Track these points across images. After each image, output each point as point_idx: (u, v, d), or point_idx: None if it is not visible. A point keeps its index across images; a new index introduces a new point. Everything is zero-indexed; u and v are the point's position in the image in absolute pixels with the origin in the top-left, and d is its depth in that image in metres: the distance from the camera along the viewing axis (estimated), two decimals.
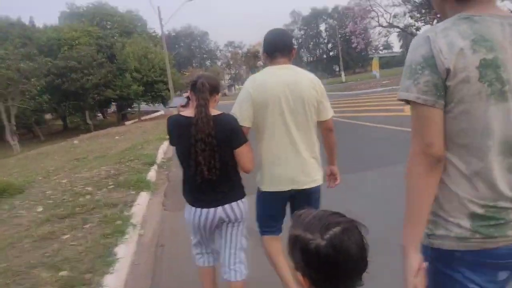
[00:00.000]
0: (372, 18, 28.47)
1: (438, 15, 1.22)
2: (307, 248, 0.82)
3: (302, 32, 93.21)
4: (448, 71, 1.00)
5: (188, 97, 2.16)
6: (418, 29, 27.30)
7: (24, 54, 22.02)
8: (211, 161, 1.90)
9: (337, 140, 2.32)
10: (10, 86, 19.71)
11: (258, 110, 2.11)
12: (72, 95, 26.61)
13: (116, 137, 16.72)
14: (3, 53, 20.17)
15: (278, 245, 2.29)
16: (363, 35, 29.72)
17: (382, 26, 28.64)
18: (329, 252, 0.80)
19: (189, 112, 1.99)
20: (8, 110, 20.33)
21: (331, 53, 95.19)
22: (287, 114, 2.09)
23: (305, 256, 0.83)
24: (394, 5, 27.58)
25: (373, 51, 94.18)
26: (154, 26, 50.52)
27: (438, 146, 1.03)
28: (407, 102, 1.07)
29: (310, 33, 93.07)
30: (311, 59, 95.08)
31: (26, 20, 33.61)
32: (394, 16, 29.22)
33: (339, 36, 77.41)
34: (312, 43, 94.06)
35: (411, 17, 27.08)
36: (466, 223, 1.04)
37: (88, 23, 31.07)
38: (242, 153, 1.99)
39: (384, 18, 28.39)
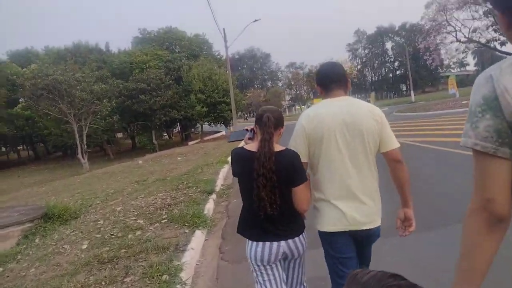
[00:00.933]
0: (449, 33, 26.17)
1: None
2: None
3: (367, 51, 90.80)
4: None
5: (251, 130, 2.13)
6: (503, 43, 24.46)
7: (98, 77, 23.36)
8: (272, 196, 1.87)
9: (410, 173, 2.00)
10: (83, 107, 20.82)
11: (312, 145, 2.00)
12: (140, 115, 27.71)
13: (178, 158, 16.67)
14: (79, 76, 21.48)
15: None
16: (438, 50, 27.41)
17: (460, 42, 26.19)
18: None
19: (252, 146, 1.97)
20: (81, 129, 21.45)
21: (397, 72, 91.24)
22: (344, 149, 1.96)
23: None
24: (474, 18, 25.16)
25: (445, 69, 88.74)
26: (219, 48, 52.27)
27: (500, 203, 0.92)
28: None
29: (375, 51, 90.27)
30: (376, 79, 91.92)
31: (102, 46, 36.31)
32: (474, 31, 26.65)
33: (408, 54, 73.93)
34: (377, 62, 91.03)
35: (495, 30, 24.34)
36: None
37: (158, 47, 32.66)
38: (301, 192, 1.94)
39: (462, 33, 26.04)
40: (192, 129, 35.55)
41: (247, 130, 2.17)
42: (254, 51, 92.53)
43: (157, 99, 26.36)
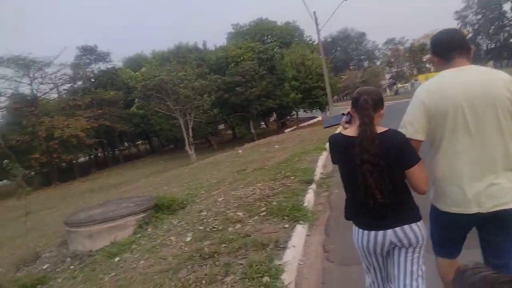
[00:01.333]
0: None
1: None
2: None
3: (479, 16, 79.35)
4: None
5: (348, 113, 1.97)
6: None
7: (198, 74, 24.73)
8: (382, 183, 1.70)
9: None
10: (187, 103, 22.27)
11: (434, 121, 1.79)
12: (238, 107, 28.65)
13: (276, 146, 16.71)
14: (182, 75, 23.02)
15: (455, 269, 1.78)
16: None
17: None
18: None
19: (351, 131, 1.84)
20: (187, 124, 23.01)
21: None
22: (473, 125, 1.72)
23: None
24: None
25: None
26: (310, 33, 51.18)
27: None
28: None
29: (490, 16, 78.39)
30: (493, 46, 79.93)
31: (200, 45, 38.39)
32: None
33: None
34: (493, 27, 78.98)
35: None
36: None
37: (250, 40, 33.26)
38: (414, 174, 1.75)
39: None
40: (288, 117, 35.53)
41: (343, 114, 2.02)
42: (348, 32, 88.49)
43: (252, 90, 26.87)
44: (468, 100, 1.72)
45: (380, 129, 1.76)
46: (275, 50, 31.36)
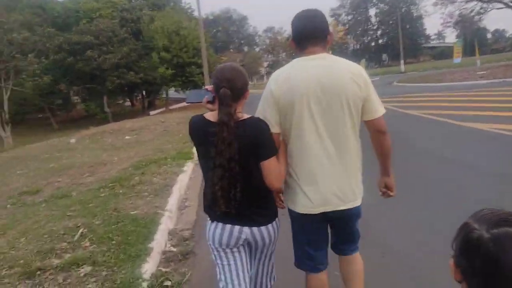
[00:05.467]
0: None
1: None
2: (468, 237, 0.76)
3: (350, 17, 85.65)
4: None
5: (211, 90, 1.68)
6: None
7: (24, 23, 17.43)
8: (231, 190, 1.55)
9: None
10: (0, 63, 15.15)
11: (282, 113, 1.68)
12: (88, 76, 22.06)
13: (126, 137, 11.75)
14: None
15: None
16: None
17: (482, 1, 21.86)
18: (490, 248, 0.72)
19: (212, 114, 1.63)
20: (1, 93, 15.86)
21: (380, 41, 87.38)
22: (318, 118, 1.65)
23: (464, 244, 0.77)
24: None
25: (423, 40, 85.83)
26: (190, 1, 45.68)
27: None
28: None
29: (359, 18, 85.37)
30: (358, 47, 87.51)
31: None
32: None
33: (391, 22, 69.50)
34: (360, 29, 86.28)
35: None
36: None
37: None
38: (269, 168, 1.61)
39: None
40: (158, 96, 29.91)
41: (207, 90, 1.73)
42: (230, 12, 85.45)
43: (108, 57, 20.76)
44: (313, 91, 1.62)
45: (242, 116, 1.59)
46: (143, 11, 25.39)
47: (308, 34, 1.68)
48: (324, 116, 1.64)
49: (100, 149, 9.55)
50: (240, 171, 1.55)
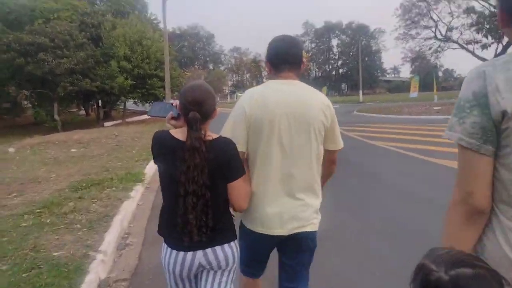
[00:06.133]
0: (428, 27, 22.83)
1: None
2: (426, 278, 0.76)
3: (313, 45, 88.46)
4: (504, 113, 0.90)
5: (176, 106, 1.63)
6: (485, 46, 21.69)
7: None
8: (202, 218, 1.49)
9: None
10: None
11: (252, 131, 1.69)
12: (39, 80, 20.40)
13: (72, 150, 10.65)
14: None
15: None
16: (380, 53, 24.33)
17: (437, 39, 23.05)
18: None
19: (180, 132, 1.56)
20: None
21: (340, 70, 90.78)
22: (286, 142, 1.68)
23: (423, 287, 0.77)
24: (454, 14, 22.15)
25: (379, 73, 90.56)
26: (157, 12, 44.62)
27: (479, 197, 0.95)
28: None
29: (321, 47, 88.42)
30: (319, 74, 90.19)
31: None
32: (450, 29, 23.75)
33: (351, 54, 72.50)
34: (322, 57, 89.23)
35: (478, 30, 21.42)
36: None
37: None
38: (238, 189, 1.58)
39: (439, 30, 23.03)
40: (115, 107, 28.35)
41: (172, 105, 1.68)
42: (198, 29, 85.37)
43: (62, 61, 19.32)
44: (285, 115, 1.66)
45: (210, 136, 1.54)
46: (106, 17, 24.23)
47: (286, 60, 1.72)
48: (292, 140, 1.66)
49: (40, 162, 8.47)
50: (210, 196, 1.50)
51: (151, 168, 7.14)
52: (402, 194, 5.28)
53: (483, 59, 21.84)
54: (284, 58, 1.73)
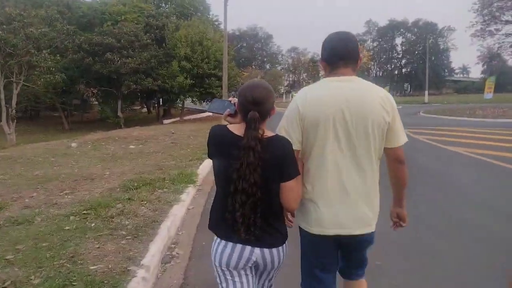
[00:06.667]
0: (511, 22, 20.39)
1: None
2: None
3: (375, 43, 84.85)
4: None
5: (234, 104, 1.66)
6: None
7: (44, 18, 16.93)
8: (251, 216, 1.49)
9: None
10: (13, 57, 14.56)
11: (306, 131, 1.65)
12: (105, 79, 21.47)
13: (131, 146, 10.79)
14: (16, 13, 15.05)
15: None
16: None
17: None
18: None
19: (237, 128, 1.55)
20: (11, 88, 15.24)
21: (403, 70, 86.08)
22: (343, 139, 1.62)
23: None
24: None
25: (447, 73, 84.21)
26: (218, 13, 45.35)
27: None
28: None
29: (384, 45, 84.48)
30: (380, 74, 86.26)
31: None
32: None
33: (417, 53, 68.07)
34: (384, 56, 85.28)
35: None
36: None
37: None
38: (291, 189, 1.54)
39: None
40: (174, 105, 29.11)
41: (230, 102, 1.70)
42: (257, 30, 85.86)
43: (127, 61, 20.09)
44: (340, 111, 1.60)
45: (266, 134, 1.53)
46: (170, 18, 24.91)
47: (341, 56, 1.66)
48: (349, 138, 1.61)
49: (98, 158, 8.58)
50: (261, 195, 1.49)
51: (205, 168, 6.83)
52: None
53: None
54: (338, 54, 1.65)
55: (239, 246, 1.55)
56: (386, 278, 2.79)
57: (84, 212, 3.91)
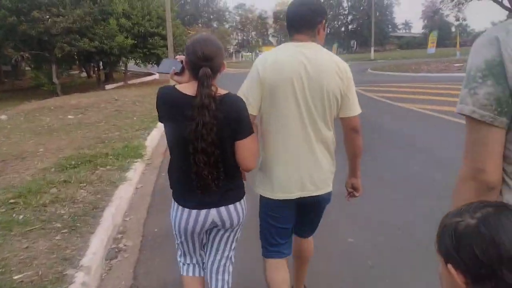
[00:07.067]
0: None
1: None
2: (455, 231, 0.72)
3: (322, 0, 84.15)
4: None
5: (182, 61, 1.60)
6: None
7: None
8: (215, 172, 1.50)
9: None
10: None
11: (266, 95, 1.66)
12: (34, 41, 19.20)
13: (69, 116, 9.80)
14: None
15: (285, 274, 1.82)
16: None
17: None
18: (482, 231, 0.69)
19: (186, 86, 1.51)
20: None
21: (350, 27, 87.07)
22: (302, 104, 1.64)
23: (455, 241, 0.72)
24: None
25: (391, 29, 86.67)
26: None
27: (491, 173, 0.89)
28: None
29: (331, 1, 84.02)
30: (328, 31, 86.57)
31: None
32: None
33: (362, 7, 68.64)
34: (331, 13, 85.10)
35: None
36: None
37: None
38: (246, 147, 1.54)
39: None
40: (116, 68, 27.05)
41: (181, 62, 1.61)
42: None
43: (58, 20, 17.99)
44: (299, 76, 1.62)
45: (219, 92, 1.49)
46: None
47: (294, 22, 1.68)
48: (307, 103, 1.63)
49: (31, 132, 7.64)
50: (220, 154, 1.49)
51: (154, 139, 6.29)
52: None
53: None
54: (291, 21, 1.69)
55: (194, 212, 1.55)
56: (359, 255, 2.61)
57: (12, 201, 3.32)
